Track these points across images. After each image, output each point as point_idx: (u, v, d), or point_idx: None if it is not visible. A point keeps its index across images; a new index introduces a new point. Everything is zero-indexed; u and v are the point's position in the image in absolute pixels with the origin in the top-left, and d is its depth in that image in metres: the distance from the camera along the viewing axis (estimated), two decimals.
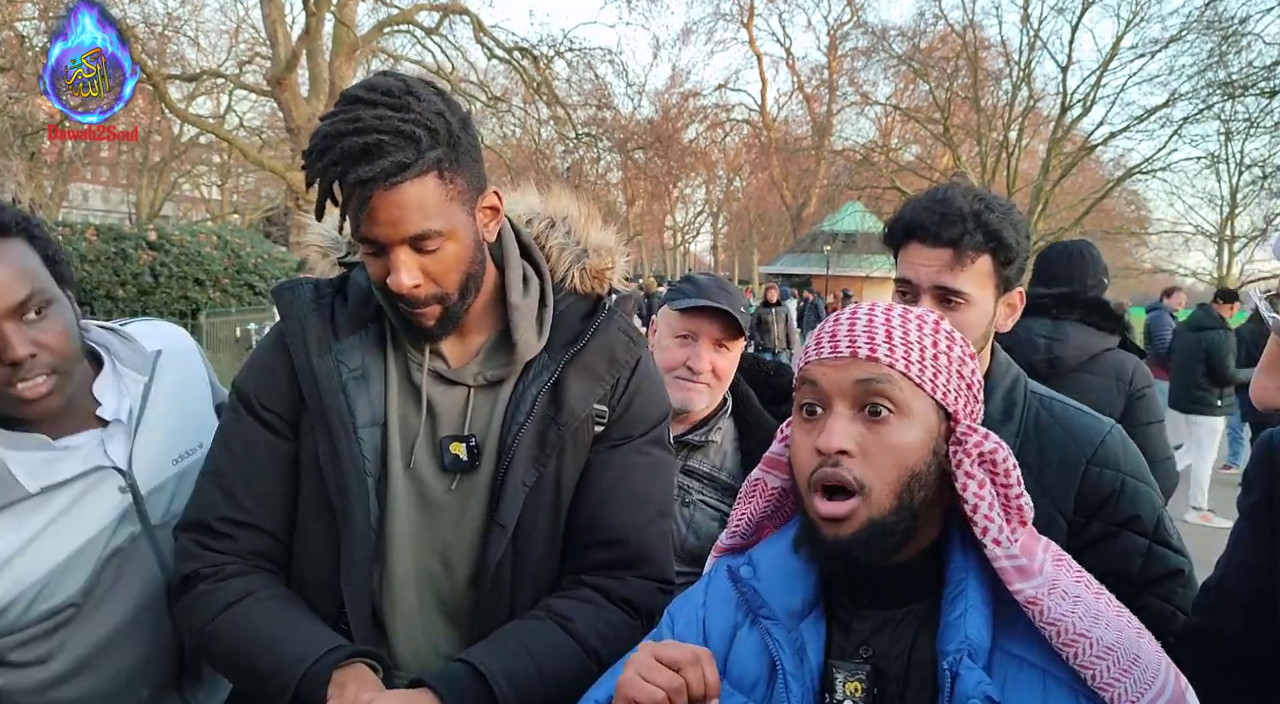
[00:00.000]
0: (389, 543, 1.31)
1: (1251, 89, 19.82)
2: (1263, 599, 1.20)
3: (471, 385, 1.34)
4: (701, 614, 1.11)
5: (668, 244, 52.37)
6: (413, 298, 1.24)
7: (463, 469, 1.32)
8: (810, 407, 1.01)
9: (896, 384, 0.97)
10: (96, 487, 1.39)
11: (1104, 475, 1.45)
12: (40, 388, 1.28)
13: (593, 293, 1.44)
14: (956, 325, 1.44)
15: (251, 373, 1.38)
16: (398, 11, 18.87)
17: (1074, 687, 0.92)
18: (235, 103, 26.42)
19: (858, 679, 0.98)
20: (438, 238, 1.21)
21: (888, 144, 32.59)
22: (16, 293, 1.25)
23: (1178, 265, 29.16)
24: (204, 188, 36.34)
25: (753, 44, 40.46)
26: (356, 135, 1.14)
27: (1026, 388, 1.55)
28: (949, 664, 0.91)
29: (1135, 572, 1.42)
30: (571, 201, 1.50)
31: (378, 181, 1.14)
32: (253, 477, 1.33)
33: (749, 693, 1.02)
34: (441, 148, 1.19)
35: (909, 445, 0.97)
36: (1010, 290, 1.51)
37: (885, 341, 0.99)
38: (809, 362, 1.03)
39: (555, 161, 26.69)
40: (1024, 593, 0.94)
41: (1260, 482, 1.26)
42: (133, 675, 1.44)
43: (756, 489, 1.15)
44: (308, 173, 1.20)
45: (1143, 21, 22.24)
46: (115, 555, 1.40)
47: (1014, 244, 1.46)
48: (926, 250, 1.47)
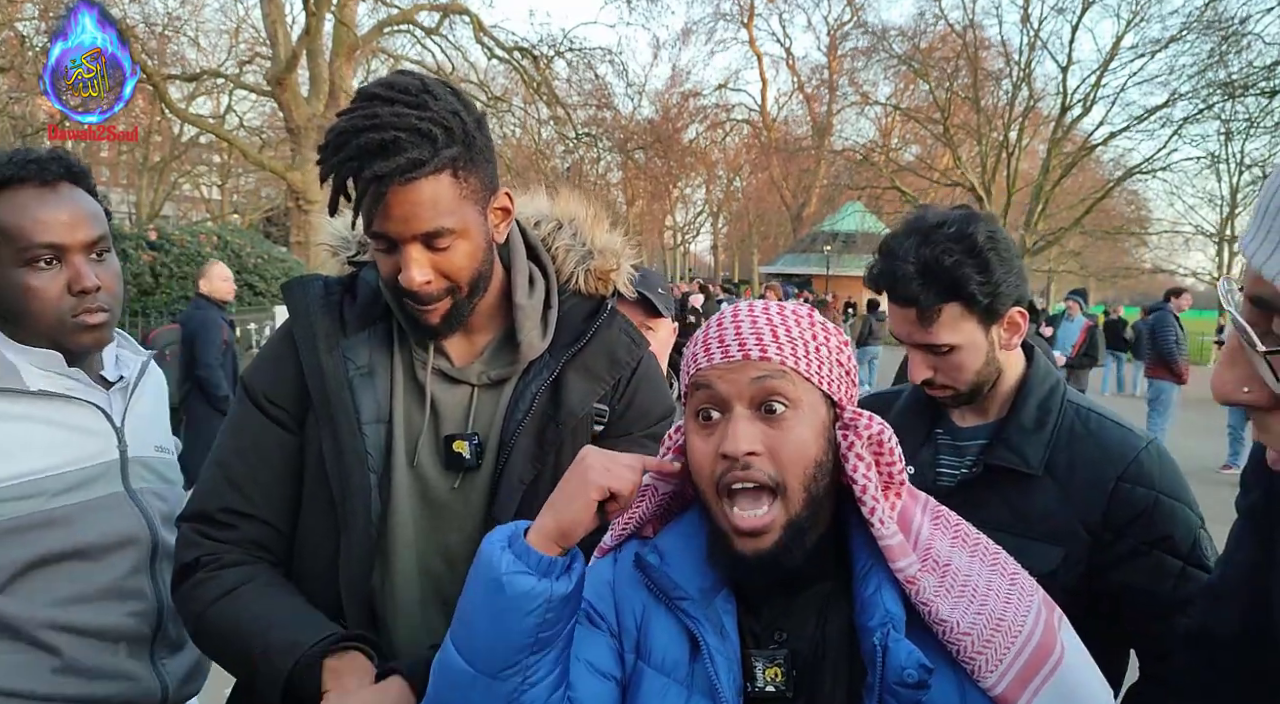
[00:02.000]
0: (390, 540, 1.32)
1: (1251, 89, 19.83)
2: (1261, 600, 1.20)
3: (475, 384, 1.35)
4: (611, 589, 1.10)
5: (668, 244, 52.39)
6: (423, 294, 1.24)
7: (466, 468, 1.32)
8: (706, 411, 1.02)
9: (789, 379, 1.00)
10: (89, 425, 1.47)
11: (1135, 492, 1.42)
12: (101, 316, 1.44)
13: (597, 294, 1.45)
14: (954, 367, 1.47)
15: (260, 367, 1.39)
16: (398, 11, 18.86)
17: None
18: (235, 103, 26.46)
19: (776, 664, 1.00)
20: (450, 235, 1.22)
21: (888, 144, 32.61)
22: (92, 231, 1.43)
23: (1178, 265, 29.21)
24: (204, 188, 36.38)
25: (753, 44, 40.51)
26: (373, 131, 1.16)
27: (1064, 397, 1.53)
28: (878, 640, 0.94)
29: (1168, 592, 1.40)
30: (580, 204, 1.51)
31: (393, 177, 1.16)
32: (258, 469, 1.34)
33: (670, 674, 1.02)
34: (457, 146, 1.20)
35: (808, 438, 0.99)
36: (999, 318, 1.47)
37: (773, 341, 1.01)
38: (700, 368, 1.04)
39: (555, 161, 26.70)
40: (904, 572, 0.99)
41: (1258, 482, 1.26)
42: (109, 633, 1.46)
43: (646, 495, 1.14)
44: (322, 168, 1.21)
45: (1143, 21, 22.26)
46: (99, 507, 1.45)
47: (974, 287, 1.41)
48: (896, 308, 1.48)
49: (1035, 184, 23.42)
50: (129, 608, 1.48)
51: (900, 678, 0.91)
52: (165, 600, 1.51)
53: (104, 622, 1.44)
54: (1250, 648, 1.21)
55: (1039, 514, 1.44)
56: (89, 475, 1.44)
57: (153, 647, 1.52)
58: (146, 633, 1.51)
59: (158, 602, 1.52)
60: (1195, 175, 38.15)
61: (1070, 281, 32.51)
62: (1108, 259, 32.14)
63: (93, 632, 1.43)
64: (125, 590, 1.47)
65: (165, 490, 1.58)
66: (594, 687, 1.03)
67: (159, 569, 1.52)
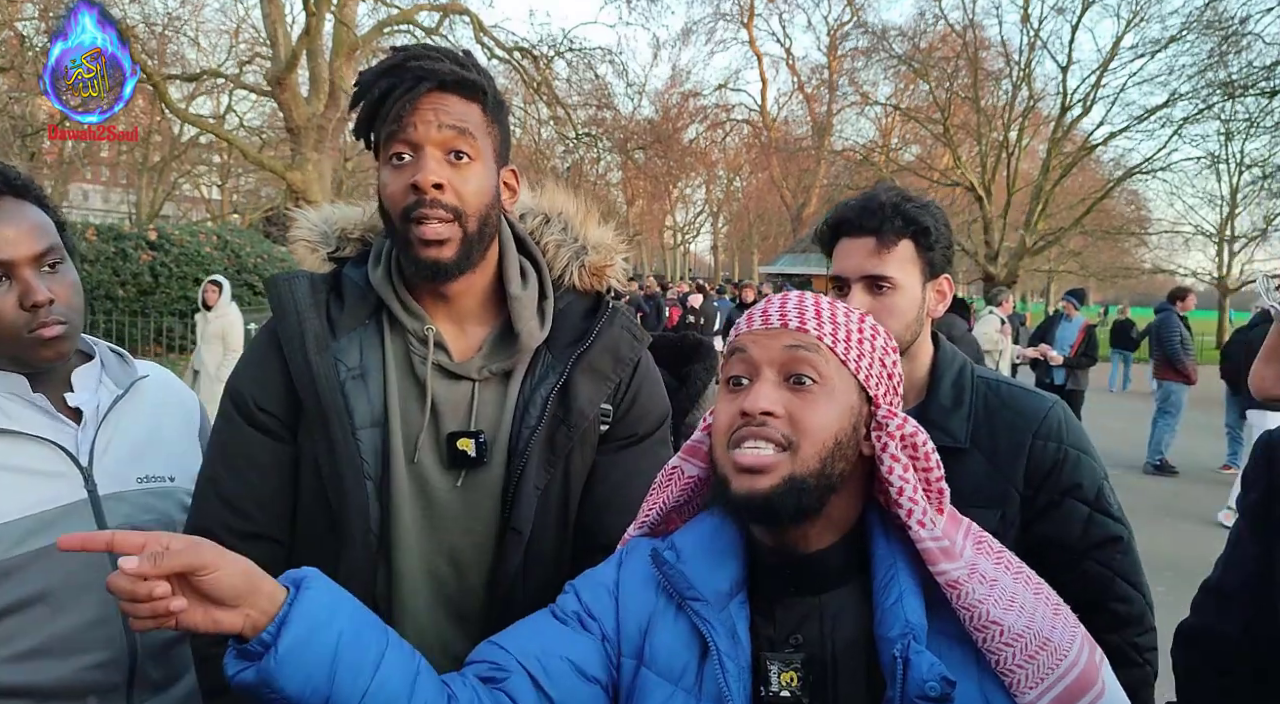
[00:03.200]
0: (394, 543, 1.29)
1: (1251, 89, 19.78)
2: (1261, 599, 1.20)
3: (476, 379, 1.33)
4: (615, 594, 1.09)
5: (668, 244, 52.36)
6: (431, 200, 1.23)
7: (470, 465, 1.30)
8: (737, 379, 1.03)
9: (823, 355, 1.01)
10: (47, 467, 1.38)
11: (1047, 448, 1.53)
12: (58, 328, 1.39)
13: (593, 290, 1.44)
14: (887, 310, 1.54)
15: (246, 373, 1.35)
16: (398, 11, 18.84)
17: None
18: (235, 103, 26.42)
19: (793, 669, 0.98)
20: (471, 151, 1.26)
21: (888, 144, 32.56)
22: (38, 244, 1.38)
23: (1178, 265, 29.11)
24: (204, 188, 36.31)
25: (753, 44, 40.45)
26: (421, 48, 1.25)
27: (973, 374, 1.63)
28: (899, 651, 0.91)
29: (1076, 538, 1.51)
30: (567, 198, 1.49)
31: (436, 76, 1.23)
32: (254, 483, 1.30)
33: (677, 680, 1.01)
34: (490, 90, 1.28)
35: (832, 415, 0.99)
36: (937, 277, 1.61)
37: (814, 317, 1.03)
38: (740, 333, 1.06)
39: (555, 161, 26.66)
40: (947, 575, 0.97)
41: (1259, 481, 1.26)
42: (74, 689, 1.37)
43: (672, 477, 1.15)
44: (361, 80, 1.27)
45: (1143, 21, 22.14)
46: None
47: (932, 229, 1.57)
48: (852, 242, 1.58)
49: (1035, 184, 23.36)
50: (94, 659, 1.38)
51: (922, 691, 0.89)
52: (140, 643, 1.42)
53: (65, 677, 1.35)
54: (1251, 647, 1.21)
55: (972, 485, 1.49)
56: (48, 519, 1.35)
57: (130, 694, 1.43)
58: (118, 681, 1.41)
59: (129, 647, 1.42)
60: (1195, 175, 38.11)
61: (1070, 281, 32.47)
62: (1108, 259, 32.06)
63: (57, 692, 1.35)
64: (90, 640, 1.38)
65: (151, 523, 1.46)
66: (576, 688, 1.02)
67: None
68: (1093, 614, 1.43)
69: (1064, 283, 32.89)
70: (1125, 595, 1.50)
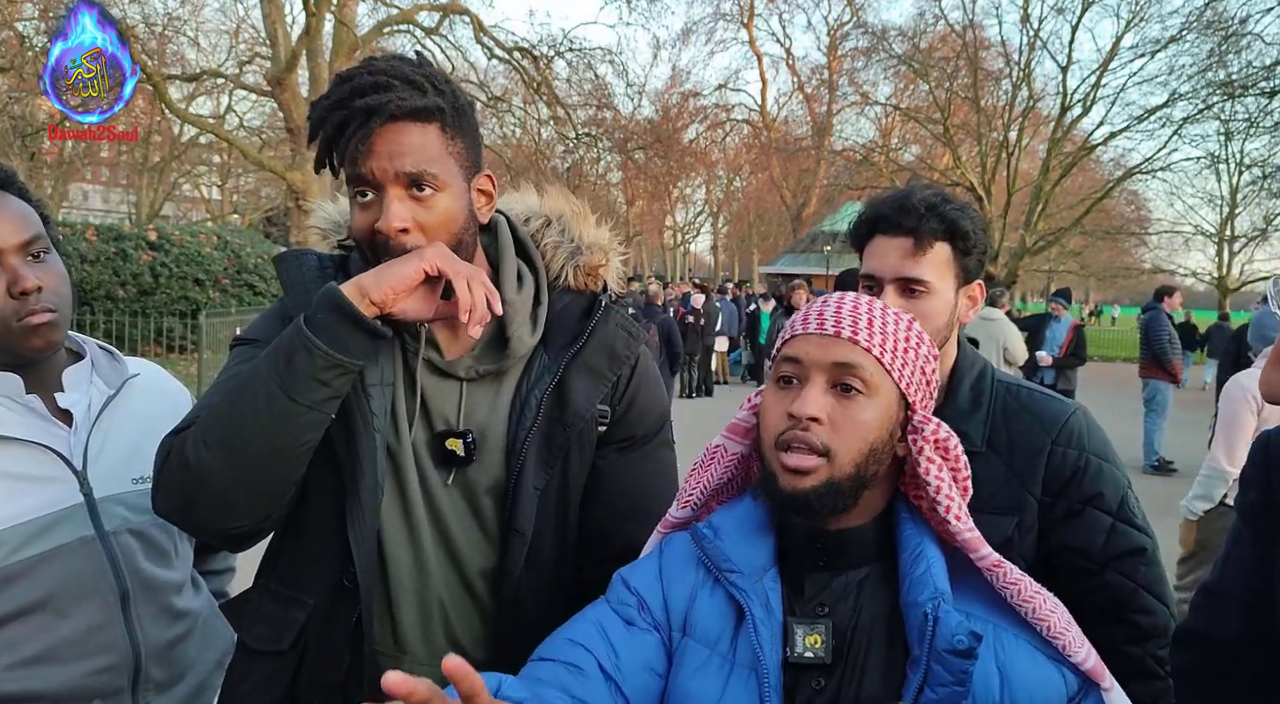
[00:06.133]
0: (384, 528, 1.31)
1: (1251, 89, 19.80)
2: (1260, 600, 1.20)
3: (464, 378, 1.34)
4: (660, 586, 1.14)
5: (668, 244, 52.37)
6: (396, 245, 1.22)
7: (459, 465, 1.32)
8: (789, 377, 1.10)
9: (871, 366, 1.07)
10: (41, 472, 1.38)
11: (1068, 455, 1.50)
12: (47, 316, 1.37)
13: (587, 290, 1.45)
14: (919, 313, 1.51)
15: (255, 330, 1.38)
16: (398, 11, 18.86)
17: (1018, 634, 1.04)
18: (235, 103, 26.42)
19: (817, 632, 1.05)
20: (433, 182, 1.23)
21: (888, 144, 32.55)
22: (22, 233, 1.38)
23: (1178, 265, 29.14)
24: (204, 188, 36.35)
25: (753, 44, 40.44)
26: (369, 75, 1.22)
27: (993, 377, 1.61)
28: (930, 609, 0.99)
29: (1098, 548, 1.48)
30: (565, 200, 1.50)
31: (385, 111, 1.20)
32: None
33: (713, 646, 1.08)
34: (447, 105, 1.25)
35: (872, 423, 1.06)
36: (970, 282, 1.59)
37: (867, 328, 1.09)
38: (796, 334, 1.11)
39: (555, 161, 26.67)
40: (989, 558, 1.06)
41: (1257, 481, 1.26)
42: (78, 694, 1.38)
43: (715, 456, 1.21)
44: (313, 113, 1.25)
45: (1143, 21, 22.16)
46: (62, 554, 1.37)
47: (970, 233, 1.53)
48: (888, 240, 1.54)
49: (1035, 184, 23.36)
50: (99, 663, 1.39)
51: (950, 645, 0.96)
52: (144, 645, 1.44)
53: (70, 682, 1.36)
54: (1250, 648, 1.21)
55: (988, 489, 1.48)
56: (47, 523, 1.36)
57: (135, 696, 1.44)
58: (122, 684, 1.42)
59: (133, 649, 1.43)
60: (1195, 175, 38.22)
61: (1070, 282, 32.51)
62: (1108, 259, 32.09)
63: (63, 697, 1.35)
64: (95, 643, 1.39)
65: (147, 524, 1.48)
66: (649, 684, 1.08)
67: (135, 614, 1.43)
68: (1114, 626, 1.44)
69: (1064, 283, 32.88)
70: (1149, 607, 1.47)
